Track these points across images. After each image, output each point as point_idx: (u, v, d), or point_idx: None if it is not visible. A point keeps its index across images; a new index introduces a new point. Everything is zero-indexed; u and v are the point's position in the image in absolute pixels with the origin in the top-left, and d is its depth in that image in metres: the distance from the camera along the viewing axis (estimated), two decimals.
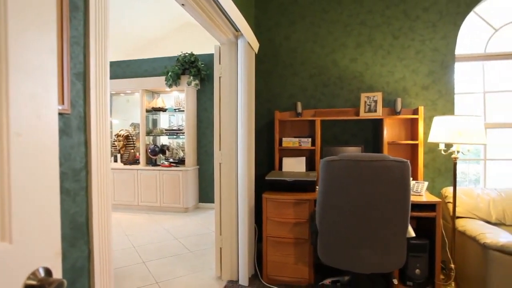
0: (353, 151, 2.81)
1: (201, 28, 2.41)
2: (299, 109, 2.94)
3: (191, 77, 4.87)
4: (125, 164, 5.27)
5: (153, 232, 3.92)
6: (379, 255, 1.86)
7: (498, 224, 2.44)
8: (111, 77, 5.38)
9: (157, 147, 5.22)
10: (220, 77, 2.61)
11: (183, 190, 4.90)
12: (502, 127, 2.97)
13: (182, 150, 5.35)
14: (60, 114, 0.95)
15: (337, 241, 1.91)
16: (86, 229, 1.08)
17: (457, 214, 2.49)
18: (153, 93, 5.52)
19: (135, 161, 5.34)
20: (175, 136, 5.35)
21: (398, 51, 2.96)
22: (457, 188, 2.60)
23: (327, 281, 2.47)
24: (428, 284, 2.33)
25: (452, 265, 2.40)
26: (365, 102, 2.82)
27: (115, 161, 5.29)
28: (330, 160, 1.83)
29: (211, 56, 5.06)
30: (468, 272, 2.26)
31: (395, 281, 2.31)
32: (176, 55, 5.07)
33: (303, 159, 2.95)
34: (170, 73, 4.85)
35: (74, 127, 1.02)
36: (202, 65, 4.99)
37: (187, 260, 3.04)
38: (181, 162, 5.15)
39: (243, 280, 2.52)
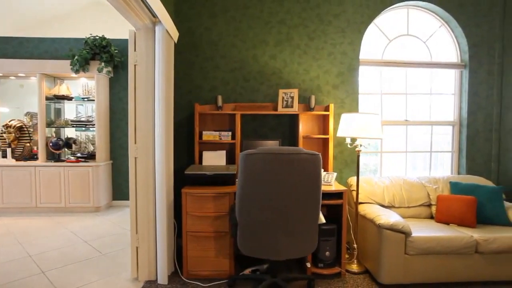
0: (271, 144, 2.93)
1: (114, 10, 2.19)
2: (220, 103, 2.93)
3: (103, 63, 4.40)
4: (18, 160, 4.51)
5: (56, 237, 3.46)
6: (294, 242, 2.00)
7: (390, 206, 2.86)
8: None
9: (61, 140, 4.60)
10: (135, 65, 2.42)
11: (93, 187, 4.44)
12: (394, 124, 3.46)
13: (92, 144, 4.83)
14: None
15: (256, 232, 1.97)
16: None
17: (360, 200, 2.83)
18: (55, 79, 4.82)
19: (32, 157, 4.62)
20: (83, 128, 4.79)
21: (313, 51, 3.18)
22: (360, 177, 2.95)
23: (247, 271, 2.55)
24: (335, 264, 2.59)
25: (355, 245, 2.73)
26: (283, 98, 2.96)
27: (4, 156, 4.48)
28: (248, 154, 1.87)
29: (126, 42, 4.67)
30: (368, 249, 2.60)
31: (308, 265, 2.51)
32: (84, 37, 4.52)
33: (223, 152, 2.95)
34: (76, 57, 4.30)
35: None
36: (116, 51, 4.56)
37: (99, 264, 2.77)
38: (91, 156, 4.64)
39: (162, 278, 2.42)
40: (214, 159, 2.92)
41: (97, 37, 4.46)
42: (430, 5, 3.32)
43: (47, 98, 4.57)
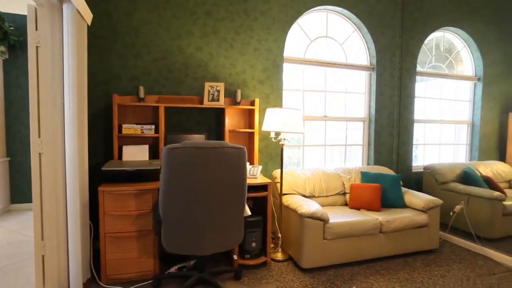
0: (197, 138, 2.87)
1: None
2: (142, 94, 2.74)
3: None
4: None
5: None
6: (221, 235, 2.00)
7: (311, 196, 3.08)
8: None
9: None
10: (37, 47, 2.09)
11: None
12: (314, 120, 3.72)
13: None
14: None
15: (181, 228, 1.92)
16: None
17: (284, 191, 2.97)
18: None
19: None
20: None
21: (239, 46, 3.20)
22: (284, 170, 3.10)
23: (173, 269, 2.46)
24: (261, 254, 2.68)
25: (280, 235, 2.86)
26: (209, 91, 2.92)
27: None
28: (172, 148, 1.80)
29: (25, 18, 4.02)
30: (291, 238, 2.75)
31: (235, 257, 2.54)
32: None
33: (146, 147, 2.78)
34: None
35: None
36: (12, 28, 3.89)
37: None
38: None
39: (76, 287, 2.18)
40: (135, 154, 2.73)
41: None
42: (345, 11, 3.63)
43: None
